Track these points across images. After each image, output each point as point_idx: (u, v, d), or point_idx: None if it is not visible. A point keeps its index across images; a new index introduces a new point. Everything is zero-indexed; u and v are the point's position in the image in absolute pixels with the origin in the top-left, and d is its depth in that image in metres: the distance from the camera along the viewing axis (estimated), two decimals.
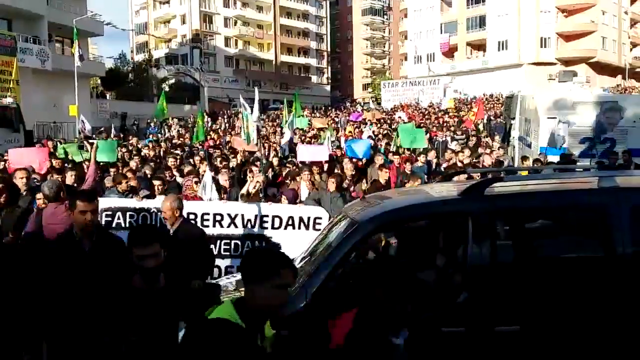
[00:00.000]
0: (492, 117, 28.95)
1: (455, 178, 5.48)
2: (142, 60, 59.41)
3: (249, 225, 6.81)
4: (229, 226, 6.70)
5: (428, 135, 19.83)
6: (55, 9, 34.07)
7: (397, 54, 77.28)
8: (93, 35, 40.34)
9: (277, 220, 6.79)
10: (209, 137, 21.11)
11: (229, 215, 6.78)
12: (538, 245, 4.09)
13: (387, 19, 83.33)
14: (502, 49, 55.79)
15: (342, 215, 4.32)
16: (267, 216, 6.80)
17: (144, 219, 6.64)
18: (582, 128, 12.64)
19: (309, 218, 6.79)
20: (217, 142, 19.54)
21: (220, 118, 38.07)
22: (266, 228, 6.78)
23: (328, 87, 77.05)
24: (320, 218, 6.75)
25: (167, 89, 47.56)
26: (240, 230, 6.81)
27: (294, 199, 7.71)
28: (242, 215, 6.84)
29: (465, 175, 6.59)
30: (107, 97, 46.03)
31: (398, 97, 49.91)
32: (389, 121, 30.93)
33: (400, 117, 31.32)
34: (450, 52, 61.27)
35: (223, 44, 64.38)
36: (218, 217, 6.71)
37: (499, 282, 3.57)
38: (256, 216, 6.82)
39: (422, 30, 62.96)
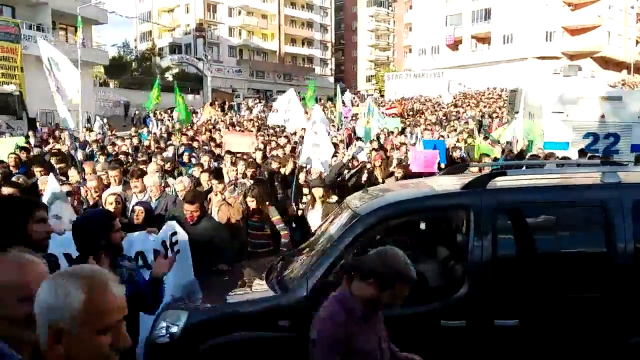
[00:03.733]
0: (485, 114, 27.91)
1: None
2: (145, 49, 59.25)
3: None
4: None
5: (417, 135, 19.47)
6: None
7: (401, 46, 76.82)
8: (97, 24, 40.09)
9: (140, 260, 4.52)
10: (185, 131, 17.02)
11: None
12: (540, 240, 4.08)
13: (391, 10, 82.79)
14: (507, 42, 55.39)
15: (344, 207, 4.31)
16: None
17: None
18: (586, 123, 12.56)
19: (171, 236, 4.73)
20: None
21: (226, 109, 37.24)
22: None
23: (332, 79, 76.65)
24: (176, 234, 4.73)
25: (170, 78, 47.44)
26: None
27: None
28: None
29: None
30: (110, 86, 45.98)
31: (402, 90, 49.67)
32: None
33: (384, 113, 30.89)
34: (454, 44, 60.79)
35: (227, 34, 64.09)
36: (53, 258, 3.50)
37: (499, 276, 3.57)
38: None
39: (426, 22, 62.52)
